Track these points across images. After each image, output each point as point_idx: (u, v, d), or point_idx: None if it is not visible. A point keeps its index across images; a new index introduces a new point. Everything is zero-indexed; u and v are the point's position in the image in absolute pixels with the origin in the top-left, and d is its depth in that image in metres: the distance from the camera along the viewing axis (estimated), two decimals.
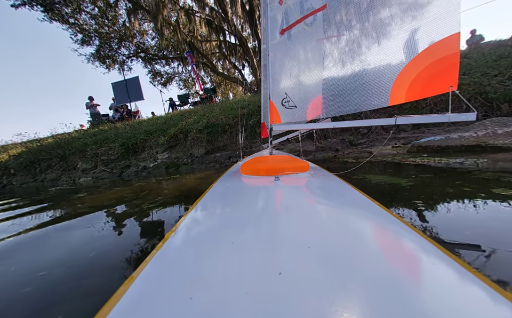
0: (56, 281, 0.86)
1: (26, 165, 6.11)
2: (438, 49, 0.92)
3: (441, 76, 0.93)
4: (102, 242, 1.21)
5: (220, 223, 0.55)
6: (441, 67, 0.93)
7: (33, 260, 1.06)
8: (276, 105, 1.47)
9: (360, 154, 3.46)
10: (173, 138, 5.51)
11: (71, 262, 1.00)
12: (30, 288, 0.82)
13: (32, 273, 0.93)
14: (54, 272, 0.93)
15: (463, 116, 0.90)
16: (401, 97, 1.07)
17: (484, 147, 2.47)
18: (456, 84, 0.91)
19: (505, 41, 4.98)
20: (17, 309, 0.72)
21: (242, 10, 8.97)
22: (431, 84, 0.97)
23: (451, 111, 0.93)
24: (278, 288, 0.28)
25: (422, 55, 0.98)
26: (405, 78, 1.04)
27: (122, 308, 0.29)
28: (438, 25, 0.92)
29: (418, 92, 1.02)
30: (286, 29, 1.35)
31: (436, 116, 0.98)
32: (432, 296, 0.27)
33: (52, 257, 1.07)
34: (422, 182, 1.62)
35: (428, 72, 0.97)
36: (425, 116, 1.06)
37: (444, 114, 0.93)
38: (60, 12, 9.14)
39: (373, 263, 0.33)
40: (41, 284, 0.84)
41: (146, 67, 12.95)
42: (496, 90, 3.85)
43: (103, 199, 2.47)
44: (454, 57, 0.89)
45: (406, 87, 1.05)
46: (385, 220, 0.51)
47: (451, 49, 0.89)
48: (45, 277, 0.89)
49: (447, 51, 0.90)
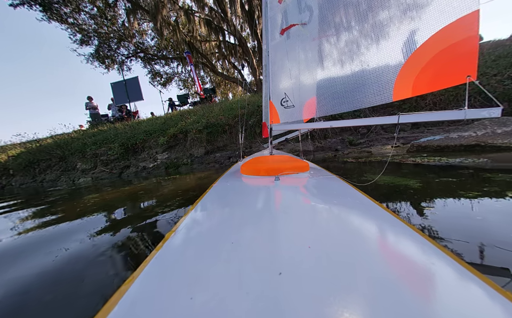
0: (56, 281, 0.85)
1: (25, 165, 6.09)
2: (452, 33, 0.76)
3: (456, 64, 0.77)
4: (101, 242, 1.21)
5: (220, 223, 0.55)
6: (455, 53, 0.76)
7: (34, 260, 1.06)
8: (275, 105, 1.47)
9: (360, 154, 3.47)
10: (172, 139, 5.51)
11: (71, 262, 1.00)
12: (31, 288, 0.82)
13: (33, 273, 0.93)
14: (51, 272, 0.92)
15: (483, 112, 0.74)
16: (407, 92, 0.91)
17: (483, 146, 2.47)
18: (475, 73, 0.74)
19: (503, 41, 5.00)
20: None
21: (241, 10, 8.97)
22: (443, 74, 0.81)
23: (468, 107, 0.76)
24: (278, 288, 0.28)
25: (431, 42, 0.81)
26: (412, 68, 0.88)
27: (122, 308, 0.29)
28: (450, 4, 0.75)
29: (427, 84, 0.85)
30: (286, 29, 1.35)
31: (448, 112, 0.82)
32: (432, 296, 0.27)
33: (51, 257, 1.07)
34: (422, 182, 1.62)
35: (440, 61, 0.80)
36: (434, 113, 0.85)
37: (459, 110, 0.78)
38: (59, 11, 9.12)
39: (373, 263, 0.33)
40: (41, 284, 0.85)
41: (145, 67, 12.94)
42: (496, 90, 3.86)
43: (102, 199, 2.46)
44: (472, 40, 0.72)
45: (412, 79, 0.88)
46: (385, 220, 0.51)
47: (468, 31, 0.72)
48: (44, 277, 0.89)
49: (463, 34, 0.74)
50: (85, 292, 0.78)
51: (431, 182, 1.60)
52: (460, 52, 0.76)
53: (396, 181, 1.73)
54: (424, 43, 0.84)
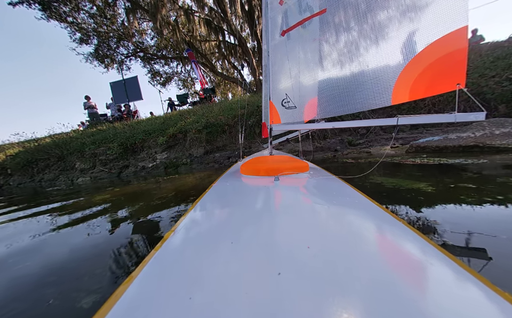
0: (55, 281, 0.85)
1: (23, 165, 6.06)
2: (444, 45, 0.86)
3: (447, 73, 0.88)
4: (101, 242, 1.21)
5: (220, 223, 0.55)
6: (447, 64, 0.87)
7: (33, 261, 1.05)
8: (276, 106, 1.47)
9: (359, 154, 3.48)
10: (171, 139, 5.49)
11: (69, 263, 1.00)
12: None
13: (33, 274, 0.92)
14: (51, 273, 0.92)
15: (471, 116, 0.84)
16: (404, 96, 1.00)
17: (481, 147, 2.49)
18: (463, 81, 0.85)
19: (502, 43, 5.03)
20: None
21: (241, 10, 8.97)
22: (436, 82, 0.91)
23: (457, 111, 0.87)
24: (277, 288, 0.28)
25: (426, 51, 0.91)
26: (408, 75, 0.97)
27: (121, 307, 0.29)
28: (443, 19, 0.85)
29: (423, 90, 0.95)
30: (287, 31, 1.36)
31: (440, 115, 0.92)
32: (431, 297, 0.27)
33: (50, 257, 1.07)
34: (421, 182, 1.63)
35: (433, 69, 0.91)
36: (429, 116, 0.99)
37: (450, 114, 0.87)
38: (58, 10, 9.08)
39: (372, 263, 0.33)
40: (39, 283, 0.84)
41: (145, 67, 12.91)
42: (494, 91, 3.88)
43: (101, 199, 2.45)
44: (461, 53, 0.83)
45: (409, 85, 0.98)
46: (384, 220, 0.51)
47: (458, 44, 0.83)
48: (44, 276, 0.89)
49: (454, 46, 0.84)
50: (83, 292, 0.78)
51: (431, 182, 1.61)
52: (451, 62, 0.86)
53: (396, 181, 1.73)
54: (420, 53, 0.94)
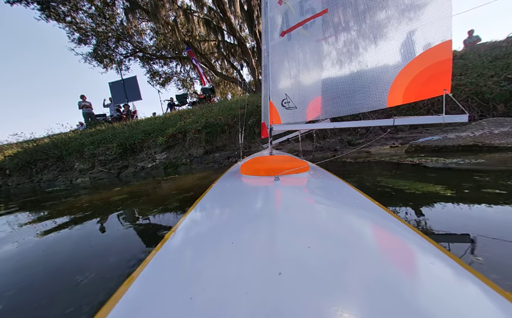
0: (54, 282, 0.85)
1: (22, 165, 6.03)
2: (432, 55, 0.99)
3: (435, 79, 1.01)
4: (100, 242, 1.20)
5: (220, 223, 0.55)
6: (435, 71, 1.00)
7: (33, 262, 1.05)
8: (276, 106, 1.46)
9: (359, 154, 3.48)
10: (171, 139, 5.48)
11: (68, 263, 0.99)
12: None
13: (32, 274, 0.92)
14: (50, 273, 0.92)
15: (456, 118, 0.98)
16: (398, 99, 1.12)
17: (480, 147, 2.50)
18: (449, 87, 0.99)
19: (500, 43, 5.05)
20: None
21: (240, 10, 8.96)
22: (426, 87, 1.04)
23: (445, 113, 1.01)
24: (277, 289, 0.28)
25: (418, 60, 1.04)
26: (402, 80, 1.09)
27: (121, 308, 0.29)
28: (432, 32, 0.99)
29: (414, 94, 1.08)
30: (286, 32, 1.35)
31: (430, 117, 1.05)
32: (431, 296, 0.27)
33: (49, 257, 1.06)
34: (421, 182, 1.63)
35: (424, 76, 1.03)
36: (421, 117, 1.11)
37: (439, 116, 1.00)
38: (56, 10, 9.04)
39: (373, 263, 0.33)
40: (40, 283, 0.84)
41: (144, 67, 12.87)
42: (492, 91, 3.89)
43: (100, 199, 2.45)
44: (446, 63, 0.97)
45: (403, 90, 1.10)
46: (385, 220, 0.51)
47: (444, 55, 0.97)
48: (42, 276, 0.88)
49: (441, 57, 0.98)
50: (81, 293, 0.78)
51: (430, 181, 1.61)
52: (438, 71, 0.99)
53: (395, 181, 1.73)
54: (411, 61, 1.06)
